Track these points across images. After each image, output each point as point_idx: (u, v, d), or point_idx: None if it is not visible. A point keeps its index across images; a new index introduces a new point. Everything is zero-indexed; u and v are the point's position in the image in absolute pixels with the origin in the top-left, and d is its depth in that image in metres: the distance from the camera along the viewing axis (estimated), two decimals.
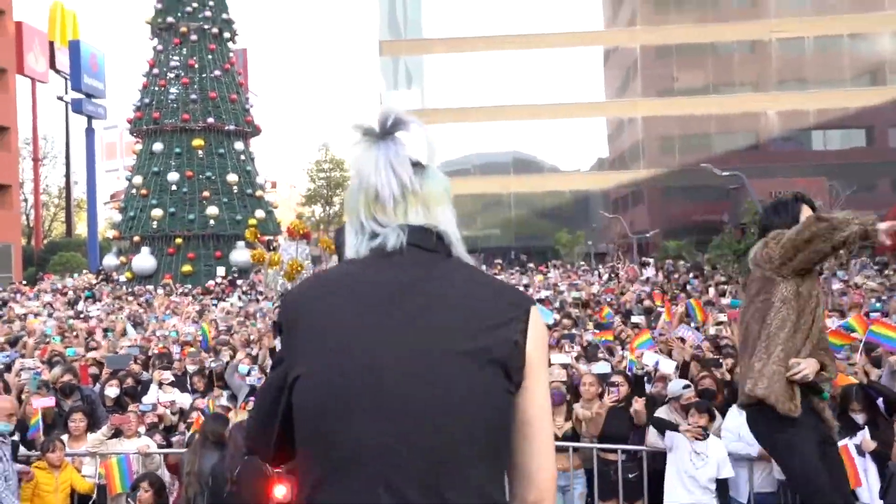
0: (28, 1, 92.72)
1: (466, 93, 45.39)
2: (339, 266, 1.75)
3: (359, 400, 1.48)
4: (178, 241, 30.57)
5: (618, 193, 49.11)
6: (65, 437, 6.95)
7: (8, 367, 10.18)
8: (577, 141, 48.45)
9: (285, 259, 13.52)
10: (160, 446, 7.37)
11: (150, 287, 27.42)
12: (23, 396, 8.40)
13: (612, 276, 26.54)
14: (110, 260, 32.25)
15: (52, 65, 48.72)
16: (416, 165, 1.65)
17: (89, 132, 51.01)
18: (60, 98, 50.80)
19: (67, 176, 51.54)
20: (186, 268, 30.05)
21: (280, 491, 4.95)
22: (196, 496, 6.12)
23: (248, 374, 9.16)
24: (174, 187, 30.73)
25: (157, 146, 31.18)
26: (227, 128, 31.69)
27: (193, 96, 30.99)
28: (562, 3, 45.65)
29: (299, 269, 13.32)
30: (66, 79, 49.68)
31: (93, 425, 7.25)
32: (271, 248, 24.45)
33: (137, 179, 31.54)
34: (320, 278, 1.79)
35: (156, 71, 31.61)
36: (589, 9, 48.19)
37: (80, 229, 54.41)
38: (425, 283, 1.57)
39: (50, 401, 7.71)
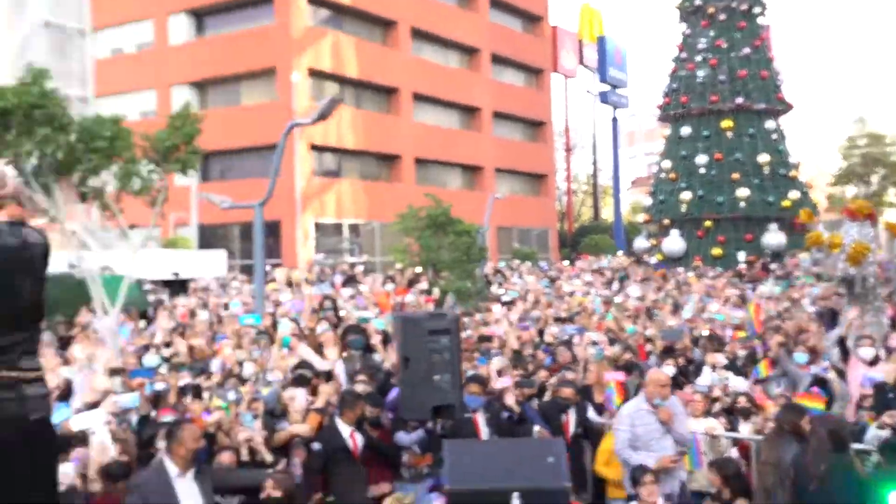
0: (559, 5, 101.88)
1: None
2: None
3: None
4: (708, 223, 30.53)
5: None
6: None
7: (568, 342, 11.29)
8: None
9: (847, 241, 12.75)
10: (727, 430, 7.62)
11: (681, 269, 27.87)
12: (589, 367, 9.39)
13: None
14: (640, 242, 33.65)
15: (581, 61, 52.61)
16: None
17: (614, 121, 54.31)
18: (589, 91, 54.64)
19: (594, 163, 55.48)
20: (716, 251, 29.90)
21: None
22: (774, 486, 5.97)
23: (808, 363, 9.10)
24: (703, 170, 30.75)
25: (685, 130, 31.52)
26: (756, 107, 30.66)
27: (722, 77, 30.59)
28: None
29: (864, 251, 12.17)
30: (593, 73, 53.36)
31: None
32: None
33: (666, 164, 32.28)
34: None
35: (684, 55, 31.93)
36: None
37: (605, 213, 58.05)
38: None
39: (619, 375, 8.61)
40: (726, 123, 30.63)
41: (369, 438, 6.78)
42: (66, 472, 5.41)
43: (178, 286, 21.66)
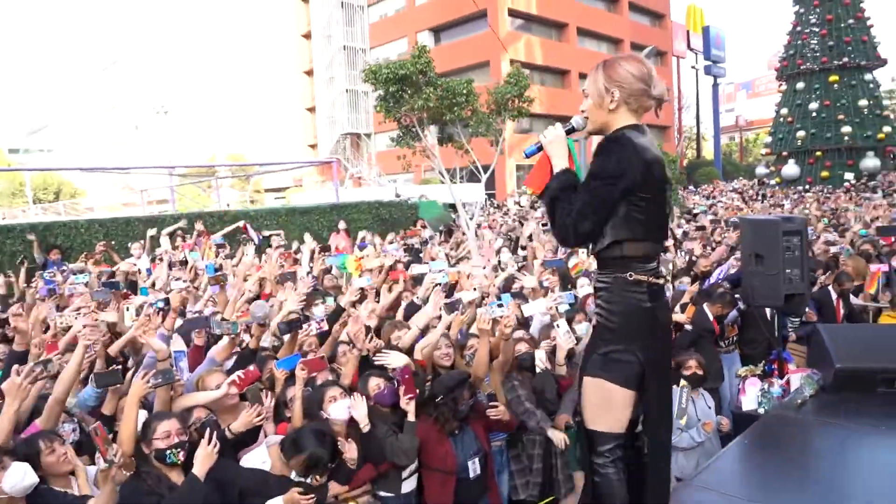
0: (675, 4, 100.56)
1: None
2: None
3: None
4: (818, 153, 32.32)
5: None
6: None
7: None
8: None
9: None
10: None
11: (799, 188, 29.87)
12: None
13: None
14: (761, 170, 35.26)
15: (689, 45, 54.12)
16: None
17: (714, 87, 55.75)
18: (693, 67, 56.06)
19: (697, 118, 57.42)
20: (824, 173, 31.85)
21: None
22: None
23: None
24: (814, 114, 32.38)
25: (800, 84, 33.17)
26: (858, 63, 31.92)
27: (830, 43, 31.98)
28: None
29: None
30: (696, 54, 54.81)
31: None
32: None
33: (784, 111, 33.98)
34: None
35: (798, 29, 33.36)
36: None
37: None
38: None
39: (883, 266, 7.52)
40: (833, 78, 32.05)
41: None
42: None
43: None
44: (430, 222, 13.30)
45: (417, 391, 3.59)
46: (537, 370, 3.92)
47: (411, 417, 3.47)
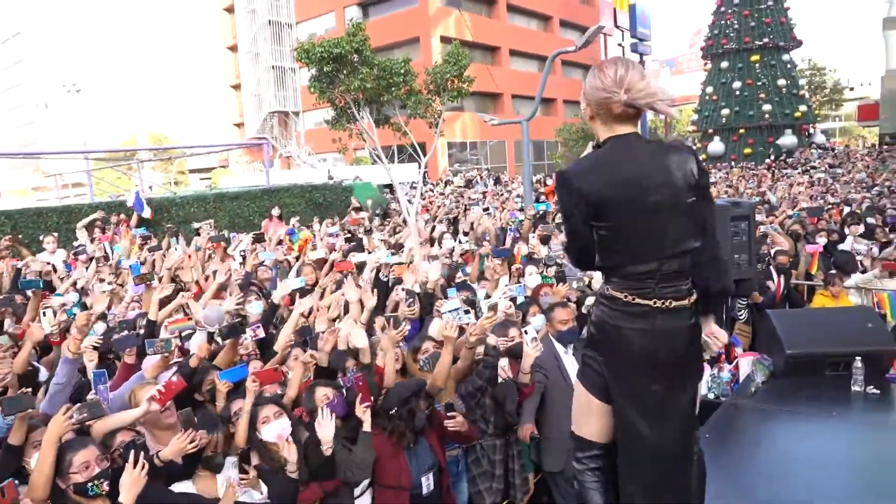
0: None
1: None
2: None
3: None
4: (742, 131, 33.58)
5: None
6: None
7: None
8: None
9: None
10: None
11: (724, 164, 31.00)
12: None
13: None
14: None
15: (616, 23, 55.12)
16: None
17: (640, 64, 57.11)
18: (620, 44, 57.18)
19: None
20: (747, 150, 33.22)
21: None
22: None
23: None
24: (737, 93, 33.58)
25: (724, 64, 34.25)
26: (777, 44, 33.22)
27: (752, 24, 33.12)
28: None
29: None
30: (622, 31, 55.90)
31: None
32: None
33: (709, 89, 35.07)
34: None
35: (723, 9, 34.38)
36: None
37: None
38: None
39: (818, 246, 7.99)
40: (755, 58, 33.32)
41: None
42: None
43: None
44: (365, 205, 12.96)
45: (372, 399, 3.39)
46: (499, 380, 3.76)
47: (367, 427, 3.25)
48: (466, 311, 3.85)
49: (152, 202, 11.15)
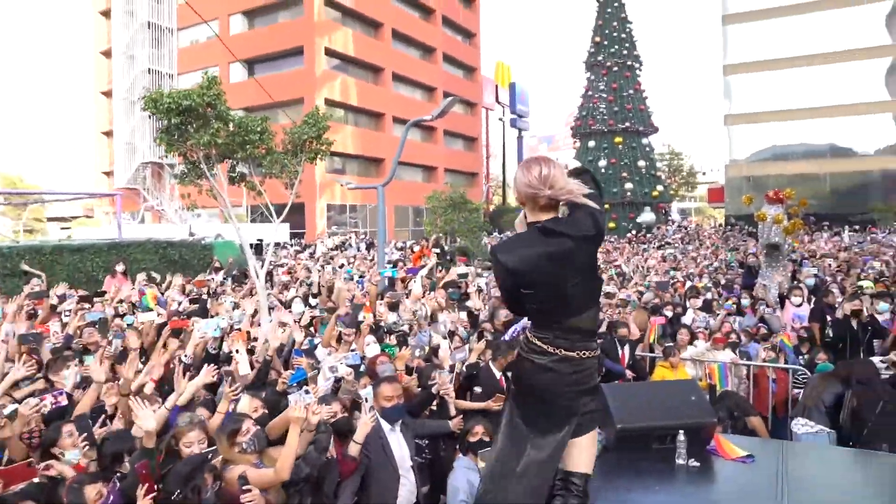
0: (486, 59, 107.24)
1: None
2: None
3: None
4: (606, 206, 35.62)
5: None
6: None
7: None
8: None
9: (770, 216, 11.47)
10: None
11: None
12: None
13: None
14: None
15: (497, 99, 57.98)
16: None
17: (519, 139, 60.20)
18: (500, 119, 60.11)
19: (503, 165, 61.19)
20: (611, 224, 35.22)
21: None
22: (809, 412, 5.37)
23: None
24: (602, 170, 35.57)
25: (591, 143, 36.55)
26: (636, 129, 36.04)
27: (616, 109, 35.80)
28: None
29: (799, 226, 11.57)
30: (503, 107, 58.88)
31: None
32: None
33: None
34: None
35: (590, 93, 37.04)
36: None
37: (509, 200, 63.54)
38: None
39: (661, 318, 8.64)
40: (618, 139, 35.90)
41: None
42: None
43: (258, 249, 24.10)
44: (225, 265, 12.27)
45: (156, 485, 2.96)
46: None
47: None
48: (307, 392, 3.78)
49: None
